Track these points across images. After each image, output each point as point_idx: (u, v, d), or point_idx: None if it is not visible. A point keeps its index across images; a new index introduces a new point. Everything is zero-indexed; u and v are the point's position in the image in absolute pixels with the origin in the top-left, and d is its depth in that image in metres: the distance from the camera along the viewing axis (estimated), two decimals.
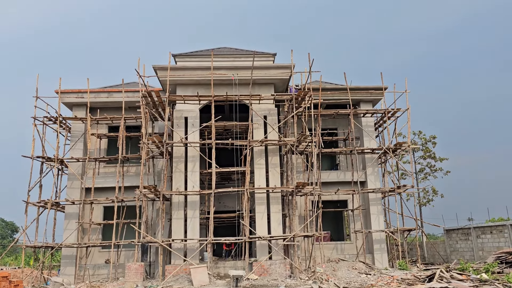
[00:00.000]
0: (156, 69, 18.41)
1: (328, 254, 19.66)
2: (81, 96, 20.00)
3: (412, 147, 21.02)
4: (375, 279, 15.90)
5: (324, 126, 21.30)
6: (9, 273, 8.62)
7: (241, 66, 18.77)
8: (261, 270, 16.87)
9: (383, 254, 19.46)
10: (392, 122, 21.23)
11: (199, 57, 19.76)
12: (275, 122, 18.90)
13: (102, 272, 18.91)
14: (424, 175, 32.34)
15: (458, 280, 13.03)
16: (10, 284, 8.44)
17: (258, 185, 18.11)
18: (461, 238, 21.81)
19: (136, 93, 19.82)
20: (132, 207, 19.24)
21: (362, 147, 20.58)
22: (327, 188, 20.11)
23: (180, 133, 18.36)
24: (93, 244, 18.49)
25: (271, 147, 18.75)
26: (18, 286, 8.69)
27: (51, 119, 19.47)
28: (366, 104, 21.36)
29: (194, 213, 17.77)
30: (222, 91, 18.69)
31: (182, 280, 16.26)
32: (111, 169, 20.44)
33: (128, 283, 15.17)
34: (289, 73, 18.80)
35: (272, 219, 17.96)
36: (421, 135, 32.67)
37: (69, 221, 19.12)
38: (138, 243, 16.79)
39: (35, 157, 18.81)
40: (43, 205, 18.77)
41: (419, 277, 14.68)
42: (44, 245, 18.32)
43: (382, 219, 19.99)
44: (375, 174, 20.57)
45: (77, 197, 19.27)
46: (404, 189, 19.87)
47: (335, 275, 16.98)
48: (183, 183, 18.13)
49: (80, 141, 20.03)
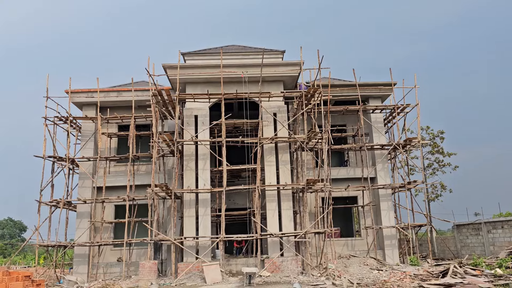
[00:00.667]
0: (165, 68, 18.45)
1: (339, 251, 19.69)
2: (91, 96, 20.08)
3: (422, 142, 20.92)
4: (387, 275, 15.92)
5: (333, 123, 21.29)
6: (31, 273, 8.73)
7: (250, 64, 18.77)
8: (273, 267, 16.93)
9: (394, 250, 19.46)
10: (401, 118, 21.21)
11: (208, 55, 19.78)
12: (285, 119, 18.91)
13: (114, 270, 19.04)
14: (432, 170, 32.25)
15: (472, 276, 13.03)
16: (32, 283, 8.55)
17: (268, 182, 18.14)
18: (472, 233, 21.77)
19: (145, 92, 19.89)
20: (143, 206, 19.34)
21: (371, 143, 20.55)
22: (337, 184, 20.13)
23: (190, 131, 18.42)
24: (105, 242, 18.62)
25: (281, 144, 18.76)
26: (40, 285, 8.80)
27: (62, 119, 19.59)
28: (375, 100, 21.31)
29: (206, 211, 17.85)
30: (232, 89, 18.72)
31: (194, 278, 16.35)
32: (121, 167, 20.54)
33: (142, 281, 15.27)
34: (298, 70, 18.79)
35: (283, 216, 18.00)
36: (428, 130, 32.54)
37: (81, 220, 19.24)
38: (150, 241, 16.88)
39: (46, 157, 18.94)
40: (55, 204, 18.91)
41: (432, 273, 14.69)
42: (57, 244, 18.48)
43: (392, 215, 19.98)
44: (385, 170, 20.55)
45: (89, 196, 19.39)
46: (414, 185, 19.85)
47: (347, 271, 17.01)
48: (194, 181, 18.21)
49: (91, 140, 20.14)
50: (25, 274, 8.53)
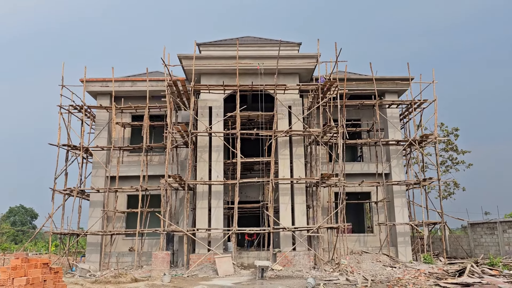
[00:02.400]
0: (181, 58, 18.33)
1: (351, 246, 19.52)
2: (106, 85, 20.05)
3: (439, 139, 20.58)
4: (401, 272, 15.74)
5: (348, 117, 21.01)
6: (49, 260, 8.72)
7: (266, 56, 18.56)
8: (285, 261, 16.84)
9: (407, 247, 19.25)
10: (418, 114, 20.86)
11: (223, 46, 19.60)
12: (300, 112, 18.71)
13: (126, 260, 19.13)
14: (446, 167, 31.85)
15: (490, 276, 12.80)
16: (50, 271, 8.54)
17: (282, 175, 18.00)
18: (486, 232, 21.42)
19: (159, 82, 19.79)
20: (156, 196, 19.35)
21: (386, 138, 20.27)
22: (350, 179, 19.92)
23: (205, 123, 18.31)
24: (118, 232, 18.68)
25: (295, 137, 18.58)
26: (58, 273, 8.79)
27: (76, 107, 19.60)
28: (391, 95, 20.97)
29: (218, 203, 17.78)
30: (247, 81, 18.54)
31: (206, 269, 16.34)
32: (134, 158, 20.54)
33: (155, 271, 15.28)
34: (314, 63, 18.53)
35: (296, 210, 17.87)
36: (443, 127, 32.10)
37: (94, 209, 19.31)
38: (163, 231, 16.88)
39: (61, 145, 18.99)
40: (69, 192, 18.99)
41: (448, 271, 14.47)
42: (70, 232, 18.58)
43: (406, 211, 19.74)
44: (400, 166, 20.27)
45: (101, 185, 19.44)
46: (429, 182, 19.56)
47: (360, 267, 16.85)
48: (207, 173, 18.14)
49: (105, 130, 20.13)
50: (43, 262, 8.52)
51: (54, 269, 8.81)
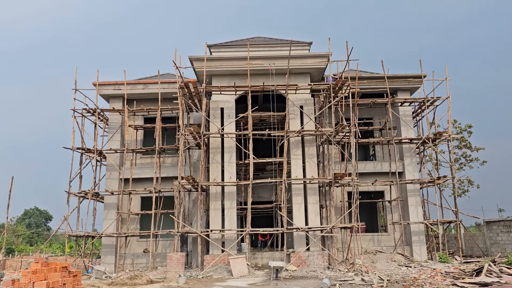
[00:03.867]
0: (192, 60, 18.39)
1: (365, 246, 19.42)
2: (118, 88, 20.22)
3: (453, 136, 20.35)
4: (416, 271, 15.60)
5: (360, 116, 20.90)
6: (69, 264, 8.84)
7: (277, 56, 18.54)
8: (299, 261, 16.82)
9: (422, 246, 19.08)
10: (431, 111, 20.65)
11: (234, 47, 19.63)
12: (311, 112, 18.65)
13: (140, 261, 19.27)
14: (459, 165, 31.47)
15: (508, 275, 12.61)
16: (69, 274, 8.65)
17: (295, 176, 17.97)
18: (503, 230, 21.12)
19: (171, 84, 19.90)
20: (169, 198, 19.45)
21: (399, 137, 20.11)
22: (363, 178, 19.81)
23: (217, 124, 18.36)
24: (132, 233, 18.83)
25: (307, 137, 18.53)
26: (77, 276, 8.90)
27: (90, 111, 19.80)
28: (404, 93, 20.80)
29: (232, 204, 17.82)
30: (258, 81, 18.54)
31: (221, 270, 16.39)
32: (147, 160, 20.69)
33: (170, 273, 15.38)
34: (325, 62, 18.46)
35: (309, 210, 17.82)
36: (456, 124, 31.72)
37: (108, 211, 19.50)
38: (177, 233, 16.97)
39: (75, 149, 19.21)
40: (84, 195, 19.20)
41: (464, 271, 14.29)
42: (85, 234, 18.79)
43: (420, 210, 19.57)
44: (413, 164, 20.10)
45: (115, 187, 19.61)
46: (444, 180, 19.37)
47: (374, 267, 16.75)
48: (220, 174, 18.18)
49: (118, 132, 20.31)
50: (63, 265, 8.64)
51: (73, 273, 8.92)
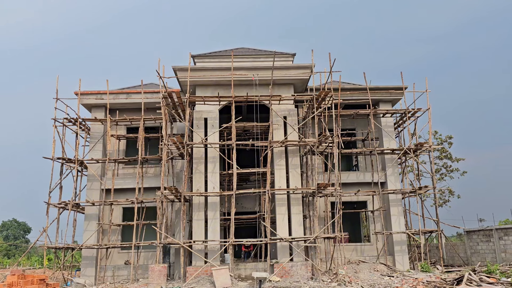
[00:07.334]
0: (176, 70, 18.37)
1: (348, 256, 19.46)
2: (100, 98, 20.01)
3: (433, 147, 20.72)
4: (399, 281, 15.70)
5: (343, 127, 21.11)
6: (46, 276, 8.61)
7: (261, 67, 18.67)
8: (283, 272, 16.75)
9: (404, 256, 19.23)
10: (412, 122, 21.02)
11: (218, 57, 19.69)
12: (295, 122, 18.77)
13: (122, 273, 18.90)
14: (440, 175, 32.01)
15: (488, 284, 12.81)
16: (47, 286, 8.43)
17: (278, 186, 17.99)
18: (483, 239, 21.48)
19: (154, 94, 19.80)
20: (151, 208, 19.22)
21: (381, 147, 20.37)
22: (346, 189, 19.93)
23: (200, 134, 18.30)
24: (114, 245, 18.48)
25: (291, 147, 18.62)
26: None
27: (71, 120, 19.52)
28: (385, 104, 21.14)
29: (215, 214, 17.69)
30: (242, 92, 18.61)
31: (204, 282, 16.19)
32: (130, 170, 20.45)
33: (152, 285, 15.13)
34: (309, 73, 18.67)
35: (293, 221, 17.83)
36: (437, 135, 32.36)
37: (89, 222, 19.13)
38: (159, 244, 16.74)
39: (55, 159, 18.87)
40: (64, 206, 18.81)
41: (446, 280, 14.46)
42: (65, 246, 18.36)
43: (402, 220, 19.78)
44: (395, 175, 20.35)
45: (97, 198, 19.28)
46: (425, 190, 19.65)
47: (357, 277, 16.80)
48: (203, 184, 18.07)
49: (99, 142, 20.04)
50: (40, 278, 8.43)
51: (51, 285, 8.71)
